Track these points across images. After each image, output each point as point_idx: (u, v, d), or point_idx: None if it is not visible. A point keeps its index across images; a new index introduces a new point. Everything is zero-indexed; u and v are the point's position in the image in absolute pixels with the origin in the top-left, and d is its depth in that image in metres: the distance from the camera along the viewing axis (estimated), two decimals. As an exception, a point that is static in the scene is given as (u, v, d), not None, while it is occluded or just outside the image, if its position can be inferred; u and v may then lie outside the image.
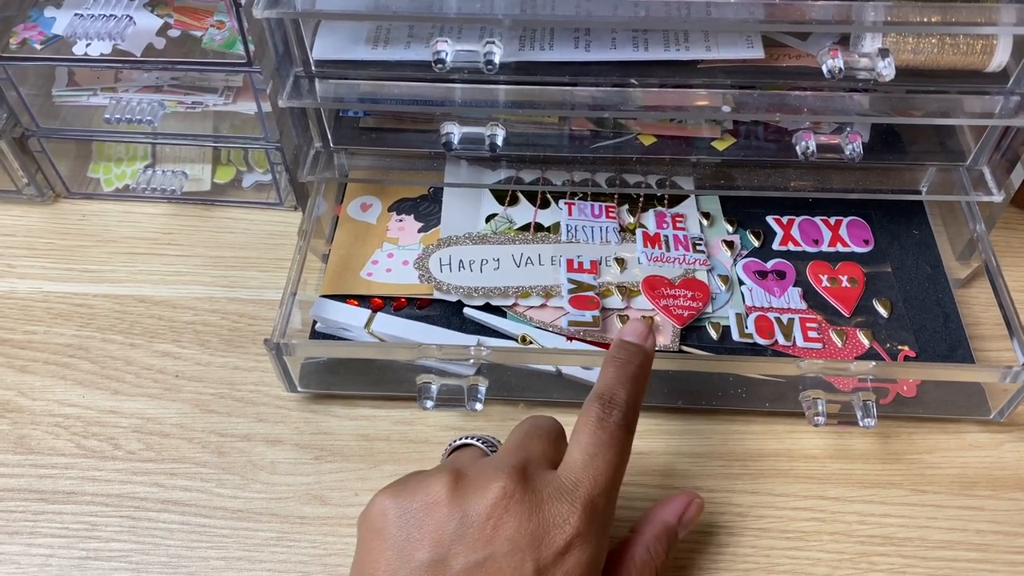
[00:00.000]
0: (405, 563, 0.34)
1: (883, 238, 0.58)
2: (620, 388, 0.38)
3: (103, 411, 0.52)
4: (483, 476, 0.35)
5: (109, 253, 0.60)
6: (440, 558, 0.33)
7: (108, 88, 0.57)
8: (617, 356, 0.40)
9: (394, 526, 0.35)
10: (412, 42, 0.50)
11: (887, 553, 0.46)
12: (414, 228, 0.58)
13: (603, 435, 0.37)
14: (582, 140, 0.55)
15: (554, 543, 0.34)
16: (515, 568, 0.33)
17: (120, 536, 0.47)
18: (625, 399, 0.38)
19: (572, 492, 0.35)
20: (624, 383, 0.39)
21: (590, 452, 0.36)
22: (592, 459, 0.36)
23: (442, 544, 0.34)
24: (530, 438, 0.38)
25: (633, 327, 0.42)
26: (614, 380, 0.39)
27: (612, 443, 0.36)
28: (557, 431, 0.40)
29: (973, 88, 0.49)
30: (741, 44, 0.50)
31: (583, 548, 0.34)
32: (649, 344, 0.41)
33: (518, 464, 0.36)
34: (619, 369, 0.39)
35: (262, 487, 0.49)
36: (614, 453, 0.36)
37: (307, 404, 0.52)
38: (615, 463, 0.36)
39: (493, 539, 0.34)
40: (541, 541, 0.34)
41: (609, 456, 0.36)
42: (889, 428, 0.51)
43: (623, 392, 0.38)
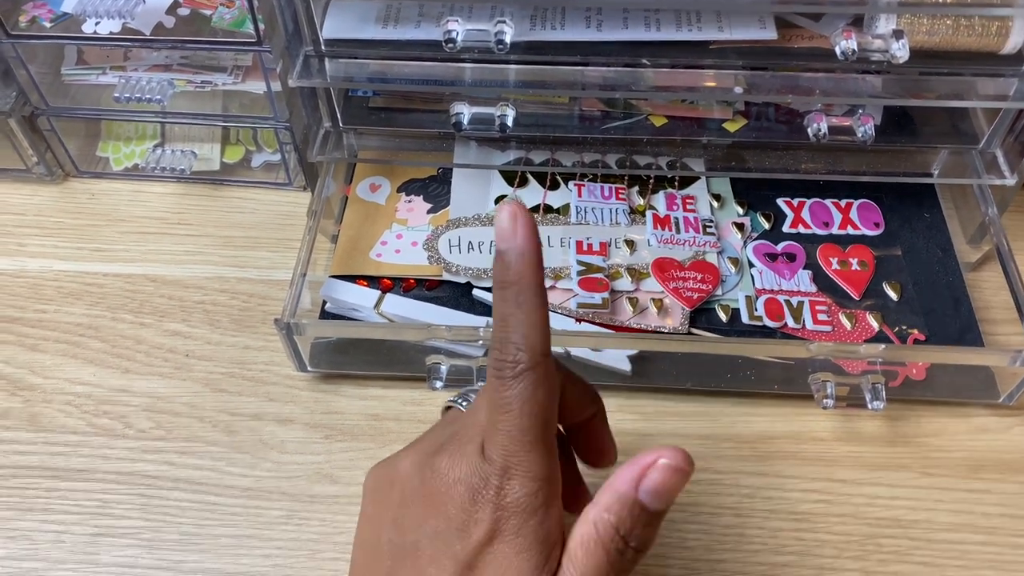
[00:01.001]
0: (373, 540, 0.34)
1: (894, 221, 0.57)
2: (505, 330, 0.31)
3: (114, 390, 0.52)
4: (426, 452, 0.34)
5: (119, 232, 0.60)
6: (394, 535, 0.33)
7: (117, 67, 0.57)
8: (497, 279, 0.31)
9: (368, 502, 0.35)
10: (422, 21, 0.50)
11: (894, 535, 0.46)
12: (423, 209, 0.58)
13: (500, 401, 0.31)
14: (592, 121, 0.55)
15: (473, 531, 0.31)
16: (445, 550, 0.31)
17: (132, 513, 0.47)
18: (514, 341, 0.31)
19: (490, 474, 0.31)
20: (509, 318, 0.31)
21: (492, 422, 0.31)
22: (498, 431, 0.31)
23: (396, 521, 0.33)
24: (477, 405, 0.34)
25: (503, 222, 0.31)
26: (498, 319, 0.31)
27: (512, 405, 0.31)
28: None
29: (987, 70, 0.49)
30: (754, 24, 0.49)
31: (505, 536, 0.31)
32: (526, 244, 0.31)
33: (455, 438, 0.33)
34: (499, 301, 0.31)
35: (272, 466, 0.49)
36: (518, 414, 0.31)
37: (317, 384, 0.52)
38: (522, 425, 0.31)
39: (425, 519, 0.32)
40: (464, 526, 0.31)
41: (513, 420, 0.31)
42: (898, 411, 0.51)
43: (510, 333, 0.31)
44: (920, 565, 0.45)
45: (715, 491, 0.48)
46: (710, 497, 0.47)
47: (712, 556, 0.45)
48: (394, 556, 0.32)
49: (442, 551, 0.31)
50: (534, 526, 0.31)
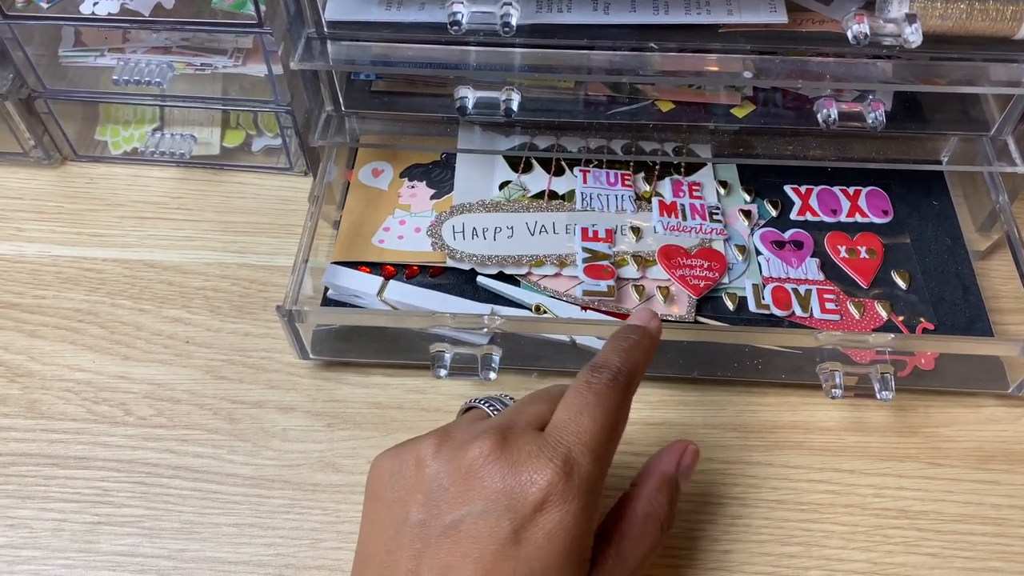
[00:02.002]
0: (397, 522, 0.34)
1: (902, 209, 0.57)
2: (613, 356, 0.37)
3: (113, 376, 0.51)
4: (465, 437, 0.35)
5: (118, 217, 0.59)
6: (426, 518, 0.33)
7: (116, 49, 0.56)
8: (617, 335, 0.39)
9: (387, 486, 0.35)
10: (427, 3, 0.49)
11: (902, 526, 0.46)
12: (426, 195, 0.57)
13: (589, 395, 0.35)
14: (598, 106, 0.54)
15: (529, 501, 0.33)
16: (491, 527, 0.32)
17: (132, 502, 0.47)
18: (618, 364, 0.37)
19: (552, 449, 0.34)
20: (618, 352, 0.38)
21: (574, 410, 0.35)
22: (576, 416, 0.35)
23: (428, 504, 0.34)
24: (528, 402, 0.37)
25: (638, 313, 0.41)
26: (608, 351, 0.38)
27: (599, 402, 0.35)
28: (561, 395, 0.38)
29: (1000, 56, 0.48)
30: (764, 8, 0.48)
31: (561, 506, 0.33)
32: (653, 325, 0.40)
33: (501, 425, 0.35)
34: (615, 342, 0.39)
35: (274, 454, 0.48)
36: (601, 412, 0.35)
37: (319, 371, 0.52)
38: (602, 422, 0.35)
39: (469, 499, 0.33)
40: (517, 500, 0.33)
41: (595, 415, 0.35)
42: (906, 401, 0.50)
43: (616, 359, 0.37)
44: (928, 556, 0.45)
45: (721, 481, 0.47)
46: (716, 487, 0.47)
47: (718, 547, 0.45)
48: (424, 538, 0.33)
49: (485, 530, 0.32)
50: (587, 507, 0.33)
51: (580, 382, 0.36)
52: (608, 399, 0.35)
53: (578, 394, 0.36)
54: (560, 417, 0.35)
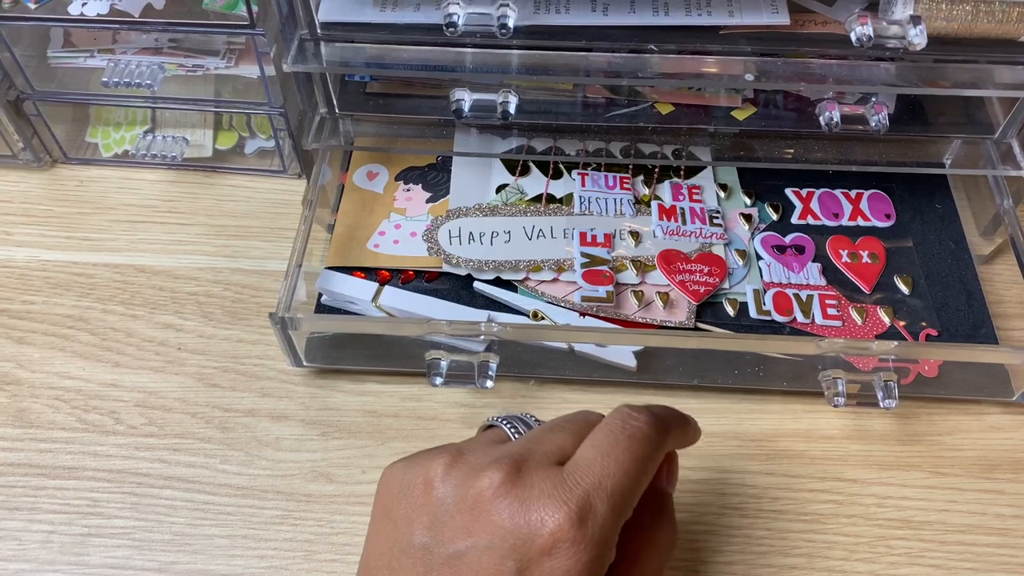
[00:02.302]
0: (401, 542, 0.33)
1: (905, 212, 0.56)
2: (656, 407, 0.35)
3: (104, 384, 0.51)
4: (478, 462, 0.33)
5: (108, 221, 0.58)
6: (430, 543, 0.32)
7: (106, 50, 0.55)
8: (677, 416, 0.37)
9: (396, 502, 0.34)
10: (422, 4, 0.48)
11: (905, 537, 0.45)
12: (422, 198, 0.56)
13: (622, 437, 0.33)
14: (596, 108, 0.53)
15: (536, 544, 0.31)
16: (495, 564, 0.31)
17: (123, 513, 0.46)
18: (658, 416, 0.34)
19: (568, 491, 0.31)
20: (663, 407, 0.36)
21: (601, 451, 0.33)
22: (602, 458, 0.32)
23: (433, 528, 0.32)
24: (552, 430, 0.35)
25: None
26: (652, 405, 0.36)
27: (630, 447, 0.33)
28: (588, 426, 0.35)
29: (1005, 58, 0.47)
30: (765, 9, 0.48)
31: (571, 554, 0.31)
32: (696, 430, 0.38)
33: (518, 455, 0.33)
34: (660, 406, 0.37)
35: (267, 464, 0.48)
36: (630, 458, 0.32)
37: (313, 379, 0.51)
38: (628, 470, 0.32)
39: (474, 531, 0.31)
40: (524, 541, 0.31)
41: (623, 460, 0.32)
42: (909, 409, 0.49)
43: (658, 409, 0.35)
44: (932, 567, 0.44)
45: (721, 491, 0.47)
46: (716, 497, 0.46)
47: (719, 558, 0.44)
48: (427, 562, 0.32)
49: (488, 565, 0.31)
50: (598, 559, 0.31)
51: (614, 421, 0.34)
52: (641, 446, 0.33)
53: (609, 434, 0.33)
54: (584, 455, 0.33)
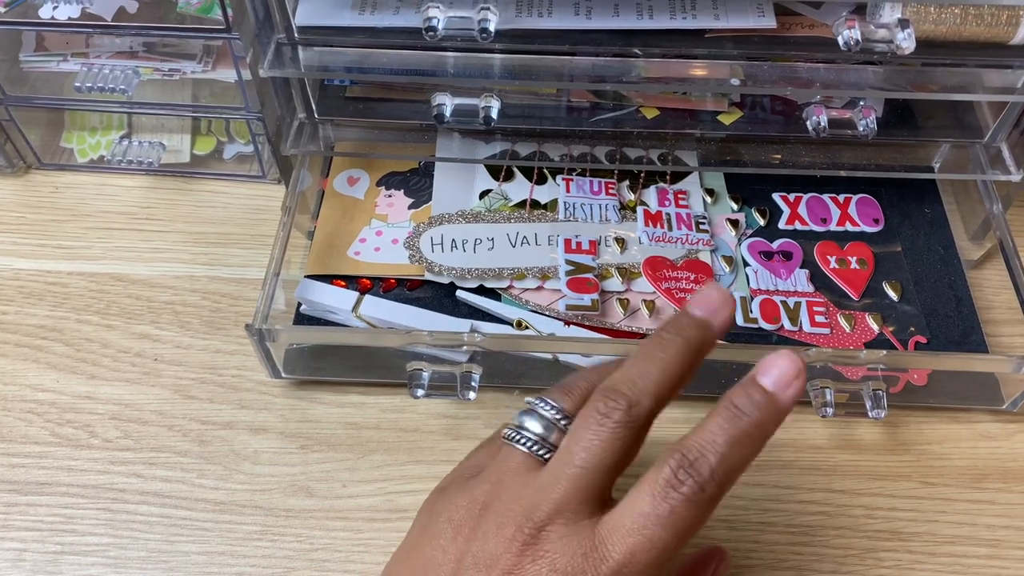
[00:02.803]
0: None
1: (894, 217, 0.55)
2: (713, 449, 0.30)
3: (78, 397, 0.49)
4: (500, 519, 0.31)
5: (84, 228, 0.57)
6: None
7: (79, 54, 0.54)
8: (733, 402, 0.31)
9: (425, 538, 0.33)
10: (401, 7, 0.47)
11: (895, 549, 0.44)
12: (404, 204, 0.55)
13: (664, 507, 0.29)
14: (581, 112, 0.52)
15: None
16: None
17: (97, 529, 0.45)
18: (713, 467, 0.29)
19: (597, 563, 0.29)
20: (722, 444, 0.30)
21: (639, 523, 0.29)
22: (640, 531, 0.29)
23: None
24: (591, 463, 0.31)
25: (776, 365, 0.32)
26: (711, 435, 0.30)
27: (671, 520, 0.29)
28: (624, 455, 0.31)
29: (994, 62, 0.47)
30: (752, 12, 0.47)
31: None
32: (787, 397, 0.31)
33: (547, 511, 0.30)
34: (726, 422, 0.31)
35: (245, 478, 0.47)
36: (670, 534, 0.29)
37: (292, 390, 0.50)
38: (667, 543, 0.29)
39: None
40: None
41: (662, 535, 0.29)
42: (898, 417, 0.49)
43: (715, 456, 0.30)
44: (921, 580, 0.44)
45: (709, 502, 0.46)
46: (704, 509, 0.45)
47: (706, 572, 0.43)
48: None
49: None
50: None
51: (660, 479, 0.29)
52: (683, 517, 0.29)
53: (652, 500, 0.29)
54: (621, 522, 0.30)
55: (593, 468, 0.30)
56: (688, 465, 0.29)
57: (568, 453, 0.31)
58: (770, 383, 0.31)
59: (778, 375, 0.31)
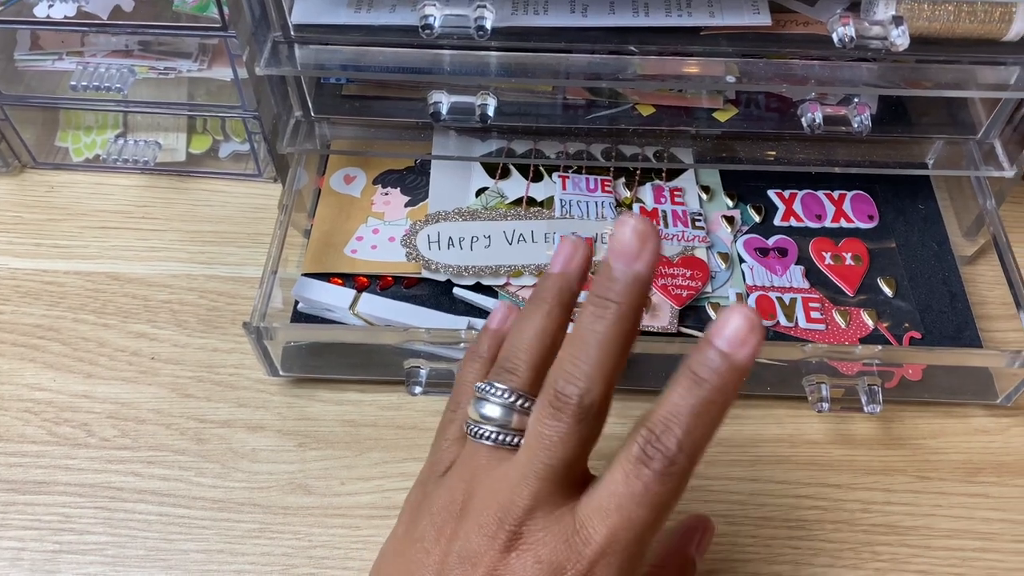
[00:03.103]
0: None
1: (888, 213, 0.56)
2: (677, 422, 0.29)
3: (75, 396, 0.49)
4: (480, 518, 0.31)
5: (80, 227, 0.57)
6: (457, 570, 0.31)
7: (74, 52, 0.54)
8: (690, 369, 0.30)
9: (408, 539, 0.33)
10: (398, 5, 0.47)
11: (890, 543, 0.45)
12: (400, 202, 0.55)
13: (638, 485, 0.29)
14: (577, 110, 0.53)
15: None
16: None
17: (95, 528, 0.45)
18: (679, 438, 0.29)
19: (580, 548, 0.29)
20: (686, 414, 0.29)
21: (615, 503, 0.29)
22: (617, 511, 0.29)
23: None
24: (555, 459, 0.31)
25: (728, 325, 0.29)
26: (673, 407, 0.29)
27: (645, 496, 0.29)
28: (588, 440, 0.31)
29: (987, 58, 0.47)
30: (747, 10, 0.47)
31: None
32: (742, 356, 0.29)
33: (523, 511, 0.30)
34: (686, 392, 0.29)
35: (243, 476, 0.47)
36: (647, 511, 0.29)
37: (290, 388, 0.50)
38: (646, 520, 0.29)
39: None
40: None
41: (640, 513, 0.29)
42: (893, 412, 0.49)
43: (679, 428, 0.29)
44: (918, 574, 0.44)
45: (705, 498, 0.46)
46: (700, 505, 0.46)
47: (703, 567, 0.43)
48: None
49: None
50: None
51: (629, 456, 0.30)
52: (658, 494, 0.29)
53: (624, 479, 0.29)
54: (597, 503, 0.30)
55: (558, 462, 0.30)
56: (655, 440, 0.29)
57: (531, 451, 0.31)
58: (725, 344, 0.29)
59: (731, 334, 0.29)
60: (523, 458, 0.31)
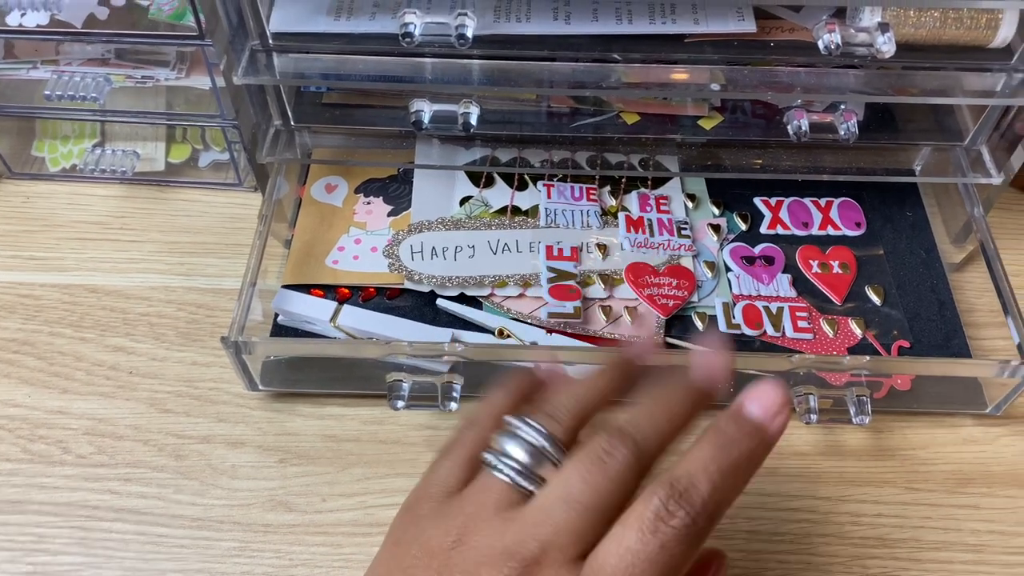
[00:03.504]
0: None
1: (876, 220, 0.55)
2: (704, 479, 0.28)
3: (51, 412, 0.48)
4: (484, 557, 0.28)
5: (57, 239, 0.56)
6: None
7: (50, 61, 0.53)
8: (722, 431, 0.29)
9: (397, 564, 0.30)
10: (378, 12, 0.46)
11: (880, 556, 0.44)
12: (383, 212, 0.54)
13: (654, 543, 0.27)
14: (561, 118, 0.52)
15: None
16: None
17: (70, 548, 0.44)
18: (704, 498, 0.27)
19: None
20: (713, 472, 0.28)
21: (627, 561, 0.27)
22: (627, 570, 0.27)
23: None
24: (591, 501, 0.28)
25: (763, 394, 0.30)
26: (701, 464, 0.28)
27: (661, 558, 0.27)
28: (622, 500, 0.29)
29: (974, 65, 0.46)
30: (731, 17, 0.46)
31: None
32: (775, 426, 0.30)
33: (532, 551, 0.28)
34: (716, 451, 0.28)
35: (223, 493, 0.46)
36: (658, 570, 0.27)
37: (270, 403, 0.49)
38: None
39: None
40: None
41: (649, 573, 0.27)
42: (882, 422, 0.48)
43: (706, 486, 0.28)
44: (907, 587, 0.43)
45: (694, 511, 0.45)
46: (688, 518, 0.45)
47: (691, 582, 0.43)
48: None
49: None
50: None
51: (648, 511, 0.27)
52: (675, 554, 0.27)
53: (640, 535, 0.27)
54: (608, 561, 0.27)
55: (592, 507, 0.28)
56: (678, 496, 0.27)
57: (565, 486, 0.28)
58: (758, 412, 0.30)
59: (765, 404, 0.30)
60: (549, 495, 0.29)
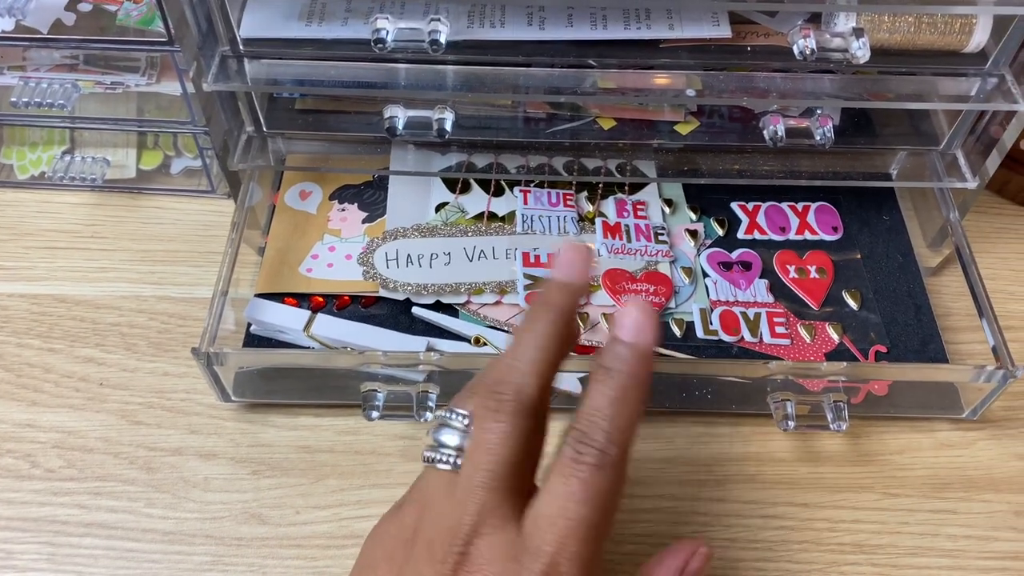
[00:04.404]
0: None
1: (852, 224, 0.55)
2: (600, 416, 0.31)
3: (19, 425, 0.47)
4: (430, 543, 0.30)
5: (25, 248, 0.55)
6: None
7: (16, 67, 0.52)
8: (604, 367, 0.32)
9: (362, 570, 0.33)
10: (350, 18, 0.46)
11: (858, 562, 0.44)
12: (358, 218, 0.54)
13: (575, 483, 0.29)
14: (538, 123, 0.52)
15: None
16: None
17: (38, 564, 0.43)
18: (606, 430, 0.30)
19: (530, 562, 0.29)
20: (605, 407, 0.31)
21: (557, 505, 0.29)
22: (560, 515, 0.29)
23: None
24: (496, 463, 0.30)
25: (627, 318, 0.32)
26: (594, 404, 0.31)
27: (585, 494, 0.29)
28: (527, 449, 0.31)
29: (948, 70, 0.47)
30: (707, 22, 0.46)
31: None
32: (643, 341, 0.32)
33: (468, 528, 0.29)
34: (602, 386, 0.31)
35: (195, 506, 0.45)
36: (590, 509, 0.29)
37: (243, 413, 0.48)
38: (590, 519, 0.29)
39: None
40: None
41: (582, 512, 0.29)
42: (859, 428, 0.48)
43: (604, 421, 0.30)
44: (885, 593, 0.43)
45: (672, 519, 0.45)
46: (668, 526, 0.45)
47: (669, 592, 0.43)
48: None
49: None
50: None
51: (563, 459, 0.30)
52: (597, 486, 0.30)
53: (562, 481, 0.30)
54: (541, 512, 0.30)
55: (501, 466, 0.30)
56: (583, 437, 0.30)
57: (473, 460, 0.31)
58: (627, 334, 0.32)
59: (631, 324, 0.32)
60: (465, 473, 0.31)
